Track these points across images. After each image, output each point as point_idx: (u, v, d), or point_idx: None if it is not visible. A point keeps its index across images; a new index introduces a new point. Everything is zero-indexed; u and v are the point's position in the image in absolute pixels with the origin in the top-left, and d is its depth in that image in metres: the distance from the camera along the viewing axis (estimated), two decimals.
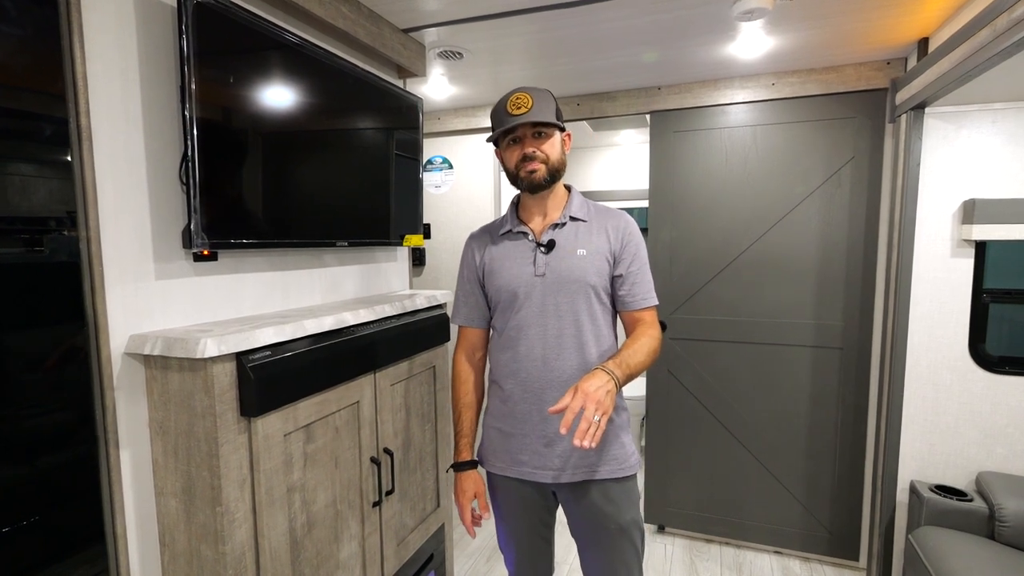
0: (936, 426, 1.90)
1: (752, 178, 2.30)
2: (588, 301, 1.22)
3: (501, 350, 1.29)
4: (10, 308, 0.87)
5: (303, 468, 1.20)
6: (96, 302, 0.98)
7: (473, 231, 1.40)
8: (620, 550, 1.25)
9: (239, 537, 1.05)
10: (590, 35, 1.81)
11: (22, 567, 0.91)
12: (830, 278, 2.21)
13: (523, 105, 1.16)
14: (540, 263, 1.22)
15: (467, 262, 1.36)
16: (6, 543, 0.88)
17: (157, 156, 1.08)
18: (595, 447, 1.06)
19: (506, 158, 1.24)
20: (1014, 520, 1.62)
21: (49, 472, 0.94)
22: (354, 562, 1.38)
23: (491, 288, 1.29)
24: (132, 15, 1.03)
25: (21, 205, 0.88)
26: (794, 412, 2.31)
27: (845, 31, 1.78)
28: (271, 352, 1.09)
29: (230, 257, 1.25)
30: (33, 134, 0.89)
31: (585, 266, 1.21)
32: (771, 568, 2.31)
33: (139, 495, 1.06)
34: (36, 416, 0.93)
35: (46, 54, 0.90)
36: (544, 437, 1.23)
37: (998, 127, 1.77)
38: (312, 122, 1.39)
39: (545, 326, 1.22)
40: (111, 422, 1.00)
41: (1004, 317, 1.86)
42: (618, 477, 1.24)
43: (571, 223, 1.25)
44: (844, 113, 2.14)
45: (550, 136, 1.20)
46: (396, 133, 1.74)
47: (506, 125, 1.17)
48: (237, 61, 1.15)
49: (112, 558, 1.03)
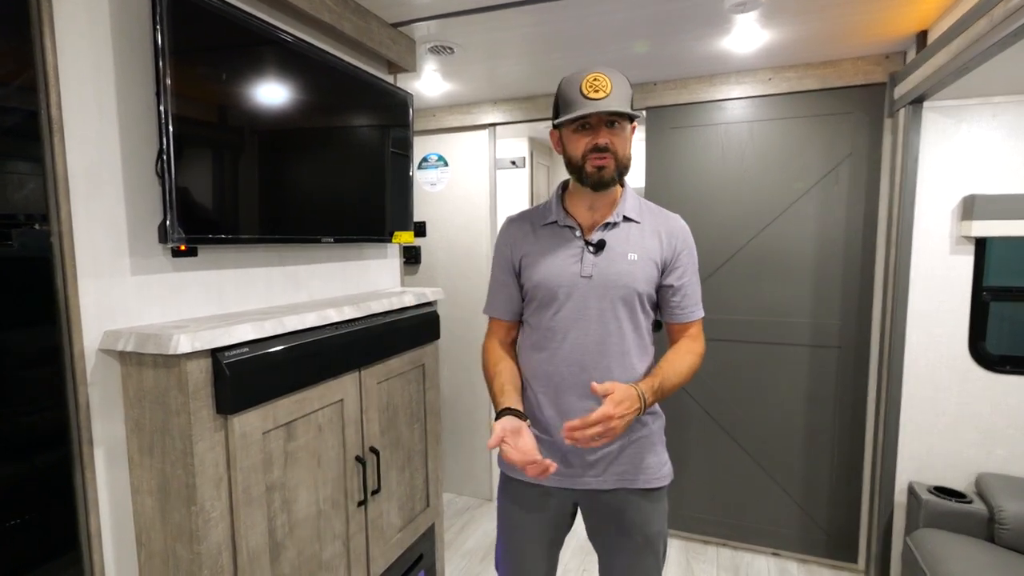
0: (935, 426, 1.86)
1: (749, 175, 2.27)
2: (633, 309, 1.14)
3: (535, 349, 1.19)
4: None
5: (283, 467, 1.18)
6: (69, 297, 0.96)
7: (511, 215, 1.29)
8: (643, 562, 1.20)
9: (215, 537, 1.03)
10: (584, 29, 1.79)
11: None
12: (827, 276, 2.18)
13: (602, 88, 1.04)
14: (588, 263, 1.13)
15: (501, 250, 1.25)
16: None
17: (133, 150, 1.06)
18: (582, 446, 1.02)
19: (571, 145, 1.11)
20: (1014, 523, 1.58)
21: (23, 473, 0.93)
22: (338, 562, 1.36)
23: (528, 282, 1.19)
24: (106, 6, 1.01)
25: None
26: (791, 412, 2.28)
27: (842, 24, 1.75)
28: (249, 349, 1.07)
29: (210, 252, 1.23)
30: (1, 126, 0.88)
31: (635, 272, 1.13)
32: (768, 570, 2.28)
33: (114, 494, 1.05)
34: (8, 415, 0.91)
35: (14, 44, 0.88)
36: (573, 445, 1.12)
37: (998, 121, 1.74)
38: (295, 117, 1.37)
39: (587, 331, 1.13)
40: (84, 419, 0.99)
41: (1005, 315, 1.82)
42: (650, 488, 1.19)
43: (624, 223, 1.16)
44: (842, 108, 2.11)
45: (623, 128, 1.09)
46: (385, 129, 1.72)
47: (580, 111, 1.04)
48: (215, 55, 1.13)
49: (87, 558, 1.01)
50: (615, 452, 1.17)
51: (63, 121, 0.94)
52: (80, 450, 0.99)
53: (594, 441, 0.99)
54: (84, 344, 0.98)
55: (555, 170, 3.92)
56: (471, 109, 2.69)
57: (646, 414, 1.17)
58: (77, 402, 0.98)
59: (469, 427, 2.93)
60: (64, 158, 0.95)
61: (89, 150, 0.99)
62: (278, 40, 1.29)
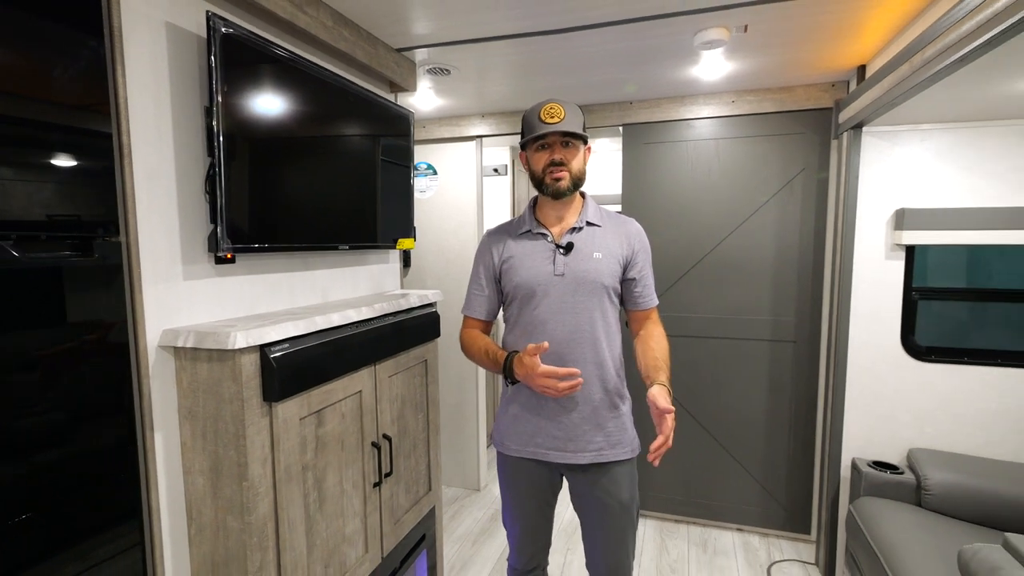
0: (874, 410, 2.13)
1: (715, 187, 2.51)
2: (601, 300, 1.34)
3: (517, 342, 1.38)
4: (68, 306, 0.99)
5: (315, 450, 1.33)
6: (135, 300, 1.10)
7: (490, 228, 1.51)
8: (620, 523, 1.40)
9: (262, 509, 1.18)
10: (568, 58, 1.99)
11: (72, 537, 1.02)
12: (784, 278, 2.44)
13: (556, 115, 1.27)
14: (559, 263, 1.34)
15: (483, 259, 1.45)
16: (61, 517, 0.99)
17: (184, 171, 1.20)
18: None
19: (533, 162, 1.34)
20: (938, 489, 1.85)
21: (95, 453, 1.06)
22: (357, 537, 1.51)
23: (508, 283, 1.39)
24: (164, 44, 1.15)
25: (73, 213, 1.00)
26: (753, 400, 2.53)
27: (794, 58, 2.00)
28: (289, 344, 1.22)
29: (246, 259, 1.37)
30: (86, 151, 1.01)
31: (601, 268, 1.34)
32: (733, 544, 2.53)
33: (169, 474, 1.18)
34: (84, 403, 1.04)
35: (96, 80, 1.02)
36: (558, 421, 1.36)
37: (925, 145, 2.01)
38: (316, 136, 1.52)
39: (563, 322, 1.32)
40: (147, 408, 1.12)
41: (931, 312, 2.10)
42: (623, 459, 1.39)
43: (587, 227, 1.37)
44: (796, 129, 2.37)
45: (576, 147, 1.32)
46: (391, 145, 1.88)
47: (538, 132, 1.28)
48: (255, 84, 1.28)
49: (147, 532, 1.15)
50: (593, 432, 1.37)
51: (131, 146, 1.08)
52: (143, 434, 1.13)
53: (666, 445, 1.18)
54: (147, 341, 1.12)
55: None
56: (459, 122, 2.86)
57: (620, 400, 1.40)
58: (141, 392, 1.12)
59: (458, 422, 3.09)
60: (132, 178, 1.08)
61: (150, 171, 1.13)
62: (304, 68, 1.44)
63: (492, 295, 1.45)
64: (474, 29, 1.74)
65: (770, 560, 2.39)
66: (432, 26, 1.72)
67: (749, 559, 2.40)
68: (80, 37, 0.98)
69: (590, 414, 1.35)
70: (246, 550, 1.16)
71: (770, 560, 2.39)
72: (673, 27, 1.72)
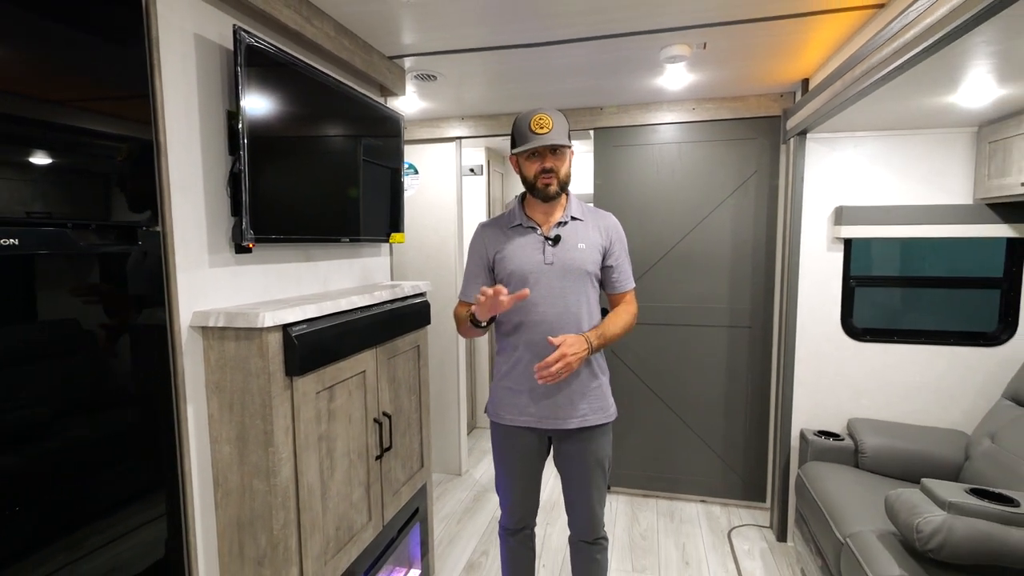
0: (819, 386, 2.40)
1: (678, 187, 2.74)
2: (585, 285, 1.53)
3: (511, 323, 1.55)
4: (124, 286, 1.10)
5: (327, 421, 1.47)
6: (171, 284, 1.21)
7: (483, 222, 1.67)
8: (596, 478, 1.61)
9: (285, 472, 1.31)
10: (543, 68, 2.17)
11: (116, 501, 1.14)
12: (740, 270, 2.69)
13: (545, 126, 1.43)
14: (548, 254, 1.52)
15: (477, 249, 1.62)
16: (107, 480, 1.11)
17: (209, 169, 1.32)
18: (549, 382, 1.43)
19: (525, 169, 1.51)
20: (871, 452, 2.12)
21: (136, 424, 1.17)
22: (362, 505, 1.65)
23: (502, 271, 1.55)
24: (192, 54, 1.27)
25: (121, 208, 1.11)
26: (714, 381, 2.77)
27: (747, 71, 2.24)
28: (307, 325, 1.36)
29: (260, 250, 1.49)
30: (132, 153, 1.13)
31: (585, 257, 1.53)
32: (697, 514, 2.76)
33: (199, 443, 1.30)
34: (131, 378, 1.16)
35: (139, 89, 1.13)
36: (547, 393, 1.54)
37: (859, 150, 2.28)
38: (321, 136, 1.65)
39: (552, 304, 1.51)
40: (180, 383, 1.24)
41: (866, 298, 2.38)
42: (603, 423, 1.59)
43: (572, 222, 1.56)
44: (749, 134, 2.62)
45: (563, 154, 1.50)
46: (384, 145, 2.02)
47: (530, 144, 1.44)
48: (272, 89, 1.40)
49: (181, 496, 1.26)
50: (579, 400, 1.55)
51: (167, 146, 1.20)
52: (177, 406, 1.24)
53: (559, 376, 1.39)
54: (180, 322, 1.24)
55: (508, 177, 4.29)
56: (440, 124, 3.01)
57: (600, 372, 1.58)
58: (175, 368, 1.24)
59: (440, 410, 3.24)
60: (168, 176, 1.20)
61: (182, 168, 1.24)
62: (312, 75, 1.57)
63: (486, 282, 1.61)
64: (459, 41, 1.90)
65: (730, 526, 2.64)
66: (421, 37, 1.87)
67: (711, 526, 2.64)
68: (125, 54, 1.10)
69: (575, 385, 1.54)
70: (271, 510, 1.29)
71: (730, 526, 2.64)
72: (641, 43, 1.92)
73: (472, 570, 2.32)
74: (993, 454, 1.86)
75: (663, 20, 1.75)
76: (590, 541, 1.67)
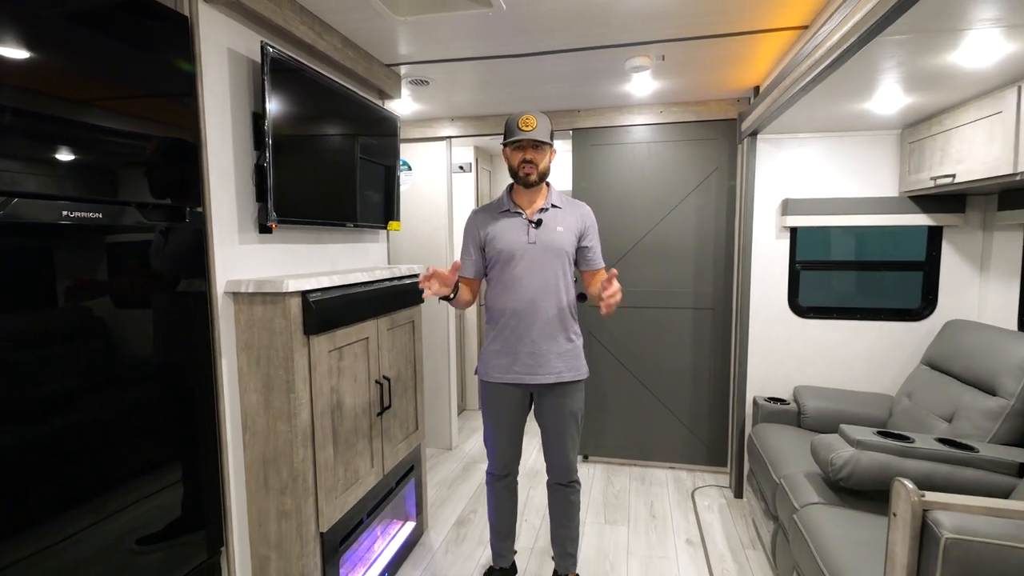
0: (770, 359, 2.69)
1: (647, 182, 3.03)
2: (563, 262, 1.80)
3: (499, 294, 1.81)
4: (177, 261, 1.35)
5: (338, 377, 1.72)
6: (210, 257, 1.47)
7: (476, 208, 1.94)
8: (570, 427, 1.88)
9: (304, 415, 1.57)
10: (526, 75, 2.44)
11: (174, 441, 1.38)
12: (703, 256, 2.98)
13: (529, 124, 1.70)
14: (532, 235, 1.79)
15: (472, 232, 1.88)
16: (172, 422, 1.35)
17: (238, 160, 1.57)
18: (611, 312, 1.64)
19: (511, 158, 1.78)
20: (811, 413, 2.42)
21: (189, 377, 1.42)
22: (365, 454, 1.91)
23: (492, 250, 1.81)
24: (226, 65, 1.52)
25: (178, 193, 1.36)
26: (680, 357, 3.07)
27: (705, 79, 2.53)
28: (321, 294, 1.62)
29: (280, 231, 1.75)
30: (184, 150, 1.38)
31: (563, 239, 1.80)
32: (666, 478, 3.05)
33: (230, 393, 1.55)
34: (182, 338, 1.40)
35: (188, 95, 1.38)
36: (532, 354, 1.80)
37: (802, 149, 2.59)
38: (330, 134, 1.91)
39: (535, 278, 1.77)
40: (217, 341, 1.49)
41: (809, 280, 2.69)
42: (577, 380, 1.85)
43: (552, 209, 1.83)
44: (710, 135, 2.91)
45: (544, 150, 1.76)
46: (383, 143, 2.28)
47: (516, 137, 1.71)
48: (290, 93, 1.66)
49: (218, 432, 1.51)
50: (556, 359, 1.82)
51: (207, 143, 1.45)
52: (214, 360, 1.49)
53: (617, 297, 1.59)
54: (217, 289, 1.49)
55: (495, 174, 4.56)
56: (432, 124, 3.26)
57: (574, 336, 1.85)
58: (213, 328, 1.49)
59: (431, 388, 3.49)
60: (208, 166, 1.45)
61: (218, 161, 1.50)
62: (322, 82, 1.82)
63: (478, 260, 1.88)
64: (450, 51, 2.16)
65: (694, 487, 2.93)
66: (416, 48, 2.13)
67: (678, 487, 2.93)
68: (178, 69, 1.35)
69: (552, 346, 1.80)
70: (292, 447, 1.55)
71: (694, 487, 2.93)
72: (610, 55, 2.20)
73: (462, 525, 2.58)
74: (909, 410, 2.17)
75: (627, 36, 2.02)
76: (565, 483, 1.95)
